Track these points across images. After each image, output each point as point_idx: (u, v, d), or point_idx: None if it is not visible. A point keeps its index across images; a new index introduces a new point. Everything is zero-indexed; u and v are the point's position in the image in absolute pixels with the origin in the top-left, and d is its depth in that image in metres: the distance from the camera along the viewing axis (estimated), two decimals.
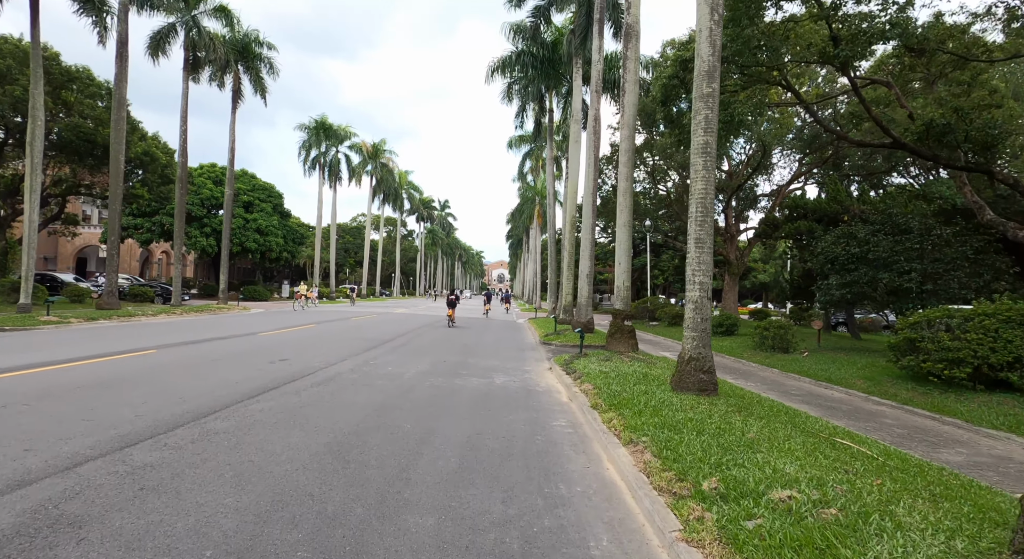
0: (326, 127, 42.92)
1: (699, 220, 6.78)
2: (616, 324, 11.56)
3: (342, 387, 7.51)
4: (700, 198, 6.79)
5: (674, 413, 5.89)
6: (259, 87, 29.43)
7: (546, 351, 14.30)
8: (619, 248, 11.60)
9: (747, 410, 6.15)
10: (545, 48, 24.77)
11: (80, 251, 53.42)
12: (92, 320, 17.39)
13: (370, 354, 11.31)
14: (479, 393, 7.81)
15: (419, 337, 15.80)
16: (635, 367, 9.50)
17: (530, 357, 12.66)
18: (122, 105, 20.49)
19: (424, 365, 10.19)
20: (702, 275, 6.76)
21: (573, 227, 22.02)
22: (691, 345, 6.81)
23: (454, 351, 12.78)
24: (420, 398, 7.12)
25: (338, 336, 14.85)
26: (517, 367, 10.86)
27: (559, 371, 10.14)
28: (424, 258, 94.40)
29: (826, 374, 10.36)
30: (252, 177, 42.41)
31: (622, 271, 11.58)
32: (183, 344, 11.50)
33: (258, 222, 39.60)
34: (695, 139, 6.83)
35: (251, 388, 7.04)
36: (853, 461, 4.44)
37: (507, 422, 6.15)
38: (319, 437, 4.99)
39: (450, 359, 11.32)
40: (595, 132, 17.49)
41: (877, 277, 12.16)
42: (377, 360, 10.50)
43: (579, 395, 7.72)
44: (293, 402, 6.38)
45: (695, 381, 6.66)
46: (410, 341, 14.51)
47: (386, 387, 7.72)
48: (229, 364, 8.97)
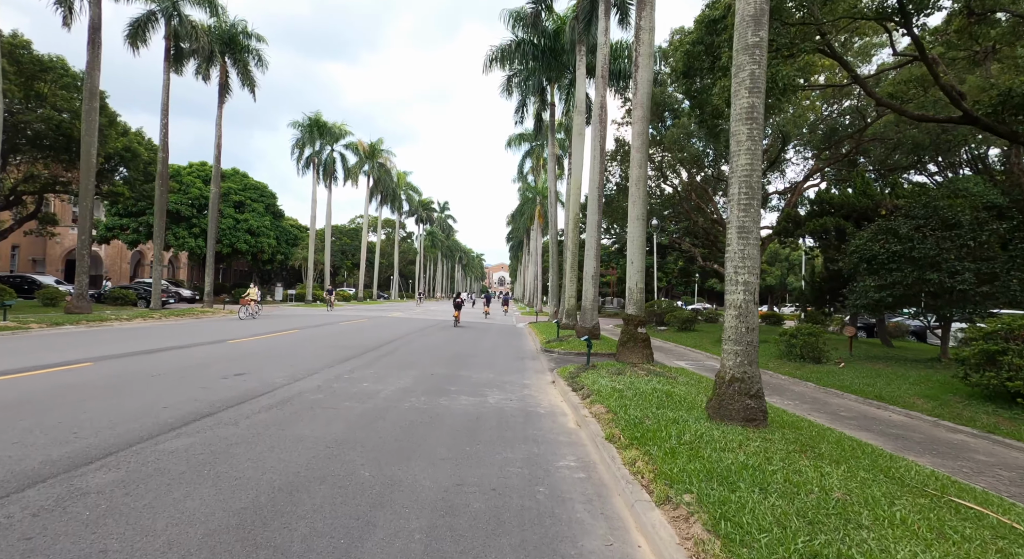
0: (320, 125, 41.61)
1: (743, 203, 5.36)
2: (628, 331, 10.13)
3: (297, 413, 6.08)
4: (744, 176, 5.37)
5: (719, 454, 4.46)
6: (247, 80, 28.13)
7: (548, 360, 12.87)
8: (631, 245, 10.19)
9: (812, 448, 4.72)
10: (546, 37, 23.44)
11: (69, 253, 52.12)
12: (56, 325, 15.99)
13: (347, 366, 9.88)
14: (468, 418, 6.38)
15: (408, 344, 14.37)
16: (654, 383, 8.06)
17: (530, 368, 11.24)
18: (94, 95, 19.16)
19: (407, 380, 8.76)
20: (747, 273, 5.34)
21: (576, 226, 20.61)
22: (733, 362, 5.38)
23: (445, 361, 11.35)
24: (392, 428, 5.69)
25: (318, 344, 13.43)
26: (515, 381, 9.43)
27: (563, 386, 8.71)
28: (423, 260, 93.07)
29: (874, 390, 8.91)
30: (244, 176, 41.10)
31: (635, 271, 10.17)
32: (133, 354, 10.08)
33: (249, 222, 38.25)
34: (737, 103, 5.42)
35: (178, 416, 5.61)
36: (1012, 547, 3.00)
37: (499, 463, 4.73)
38: (234, 498, 3.57)
39: (439, 371, 9.90)
40: (601, 122, 16.11)
41: (923, 278, 10.72)
42: (353, 374, 9.08)
43: (590, 420, 6.30)
44: (224, 437, 4.95)
45: (740, 408, 5.22)
46: (397, 349, 13.08)
47: (352, 412, 6.29)
48: (170, 381, 7.54)
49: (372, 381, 8.46)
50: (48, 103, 21.95)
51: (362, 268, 54.91)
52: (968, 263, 10.33)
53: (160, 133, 23.26)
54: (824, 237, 15.33)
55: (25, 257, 51.82)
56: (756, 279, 5.38)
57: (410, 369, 9.96)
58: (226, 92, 28.47)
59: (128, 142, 25.75)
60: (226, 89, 28.21)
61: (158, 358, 9.73)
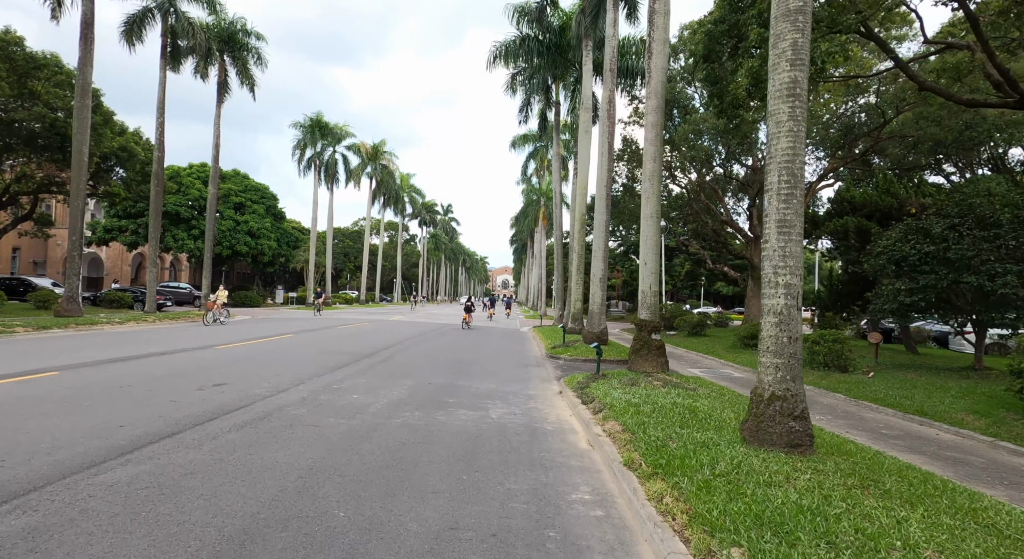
0: (321, 125, 41.09)
1: (783, 193, 4.63)
2: (642, 338, 9.38)
3: (272, 432, 5.37)
4: (785, 162, 4.64)
5: (766, 491, 3.71)
6: (246, 79, 27.62)
7: (554, 367, 12.13)
8: (644, 244, 9.45)
9: (875, 483, 3.96)
10: (551, 33, 22.78)
11: None
12: (43, 329, 15.40)
13: (338, 375, 9.18)
14: (466, 437, 5.65)
15: (406, 350, 13.66)
16: (673, 396, 7.31)
17: (535, 376, 10.50)
18: (86, 93, 18.63)
19: (401, 391, 8.05)
20: (788, 274, 4.60)
21: (583, 227, 19.88)
22: (773, 377, 4.63)
23: (444, 369, 10.63)
24: (378, 451, 4.97)
25: (311, 349, 12.74)
26: (519, 391, 8.70)
27: (572, 397, 7.98)
28: (427, 263, 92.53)
29: (913, 404, 8.12)
30: (244, 177, 40.62)
31: (648, 272, 9.43)
32: (109, 362, 9.41)
33: (249, 224, 37.73)
34: (777, 77, 4.70)
35: (134, 437, 4.91)
36: None
37: (501, 497, 4.00)
38: (166, 556, 2.85)
39: (437, 381, 9.17)
40: (609, 117, 15.41)
41: (960, 280, 9.93)
42: (343, 384, 8.37)
43: (604, 440, 5.56)
44: (180, 464, 4.24)
45: (782, 432, 4.47)
46: (394, 356, 12.37)
47: (336, 431, 5.57)
48: (138, 394, 6.85)
49: (363, 392, 7.74)
50: (42, 101, 21.44)
51: (364, 271, 54.34)
52: (1010, 264, 9.54)
53: (156, 132, 22.74)
54: (844, 238, 14.57)
55: (26, 259, 51.53)
56: (799, 281, 4.63)
57: (406, 378, 9.24)
58: (225, 91, 27.97)
59: (124, 142, 25.23)
60: (225, 88, 27.71)
61: (135, 366, 9.05)
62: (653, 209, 9.36)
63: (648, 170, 9.41)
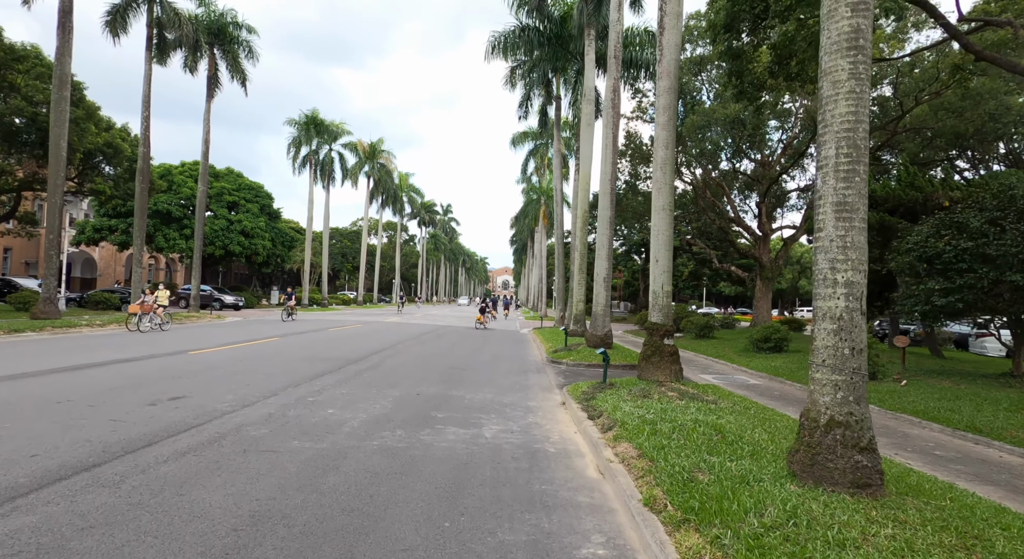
0: (317, 122, 40.22)
1: (843, 169, 3.73)
2: (653, 343, 8.48)
3: (218, 462, 4.47)
4: (845, 131, 3.74)
5: (839, 555, 2.81)
6: (237, 73, 26.75)
7: (555, 373, 11.24)
8: (656, 240, 8.55)
9: (980, 540, 3.05)
10: (552, 23, 21.91)
11: None
12: (14, 333, 14.54)
13: (317, 384, 8.28)
14: (453, 464, 4.76)
15: (398, 355, 12.76)
16: (693, 411, 6.41)
17: (535, 384, 9.61)
18: (64, 83, 17.75)
19: (385, 404, 7.15)
20: (850, 269, 3.70)
21: (585, 224, 18.99)
22: (831, 398, 3.72)
23: (436, 376, 9.72)
24: (343, 487, 4.07)
25: (294, 355, 11.84)
26: (518, 403, 7.81)
27: (577, 410, 7.08)
28: (426, 264, 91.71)
29: (963, 418, 7.21)
30: (239, 176, 39.76)
31: (660, 271, 8.53)
32: (60, 371, 8.51)
33: (243, 223, 36.85)
34: (833, 27, 3.80)
35: (42, 471, 4.00)
36: None
37: (491, 556, 3.10)
38: None
39: (427, 391, 8.28)
40: (614, 107, 14.52)
41: (1002, 279, 9.03)
42: (321, 395, 7.47)
43: (617, 469, 4.66)
44: (82, 512, 3.33)
45: (846, 467, 3.56)
46: (383, 361, 11.47)
47: (297, 458, 4.67)
48: (75, 411, 5.95)
49: (341, 406, 6.84)
50: (21, 94, 20.57)
51: (362, 271, 53.46)
52: None
53: (141, 127, 21.86)
54: None
55: (18, 260, 50.61)
56: (864, 278, 3.73)
57: (393, 388, 8.33)
58: (215, 86, 27.10)
59: (111, 138, 24.36)
60: (215, 83, 26.84)
61: (88, 375, 8.15)
62: (666, 201, 8.46)
63: (660, 158, 8.51)
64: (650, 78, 23.78)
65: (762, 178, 20.08)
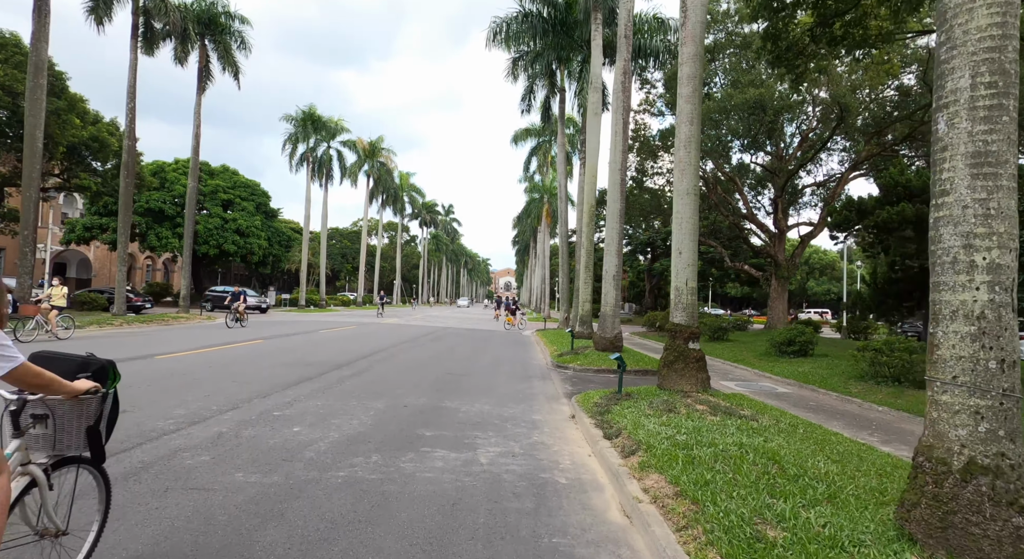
0: (314, 119, 39.22)
1: (983, 105, 2.64)
2: (676, 348, 7.36)
3: (120, 507, 3.38)
4: (986, 51, 2.65)
5: None
6: (229, 64, 25.78)
7: (562, 380, 10.14)
8: (679, 229, 7.45)
9: None
10: (557, 8, 20.86)
11: (58, 256, 50.10)
12: None
13: (289, 395, 7.20)
14: (437, 506, 3.67)
15: (390, 359, 11.69)
16: (733, 431, 5.30)
17: (540, 393, 8.52)
18: (40, 70, 16.78)
19: (364, 419, 6.06)
20: (995, 248, 2.60)
21: (592, 220, 17.90)
22: (969, 431, 2.61)
23: (429, 384, 8.64)
24: (282, 547, 2.98)
25: (275, 359, 10.77)
26: (520, 416, 6.72)
27: (590, 426, 5.98)
28: (427, 264, 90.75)
29: None
30: (234, 173, 38.81)
31: (684, 264, 7.43)
32: None
33: (238, 222, 35.88)
34: None
35: None
36: None
37: None
38: None
39: (416, 401, 7.19)
40: (624, 91, 13.44)
41: None
42: (290, 408, 6.39)
43: (649, 511, 3.55)
44: None
45: (1002, 535, 2.45)
46: (372, 366, 10.39)
47: (232, 501, 3.58)
48: None
49: (310, 423, 5.75)
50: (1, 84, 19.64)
51: (361, 272, 52.44)
52: None
53: (126, 118, 20.87)
54: (897, 229, 12.55)
55: (11, 260, 49.79)
56: (1015, 260, 2.62)
57: (376, 399, 7.25)
58: (207, 78, 26.13)
59: (97, 131, 23.41)
60: (206, 74, 25.87)
61: None
62: (690, 183, 7.36)
63: (684, 135, 7.41)
64: (659, 68, 22.70)
65: (778, 171, 18.93)
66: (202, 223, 34.44)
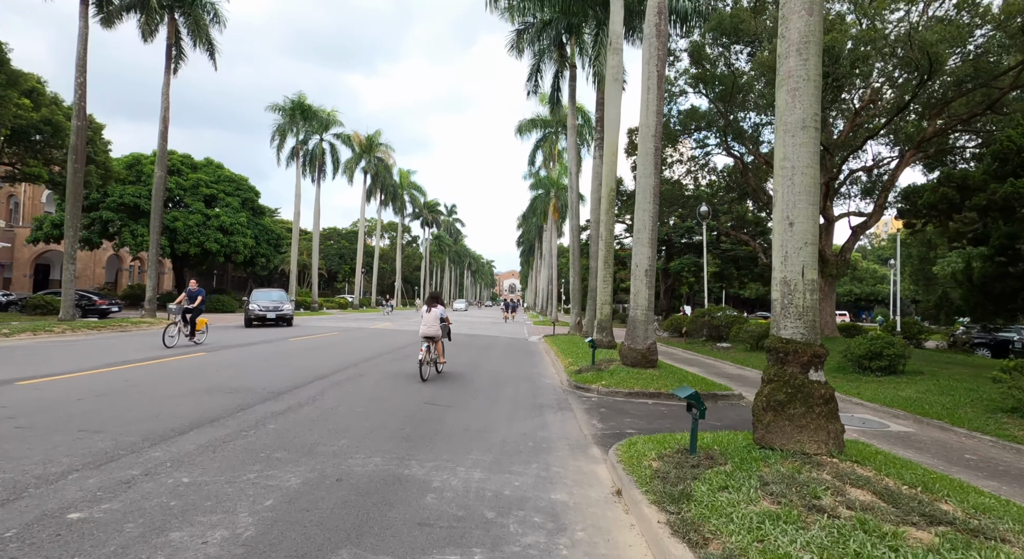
0: (304, 108, 36.59)
1: None
2: (789, 379, 4.50)
3: None
4: None
5: None
6: (201, 39, 23.14)
7: (586, 410, 7.30)
8: (790, 186, 4.60)
9: None
10: None
11: (39, 256, 47.74)
12: None
13: (152, 456, 4.40)
14: None
15: (356, 379, 8.86)
16: None
17: (559, 437, 5.69)
18: None
19: (247, 518, 3.22)
20: None
21: (612, 206, 15.06)
22: None
23: (395, 424, 5.80)
24: None
25: (186, 383, 7.97)
26: (532, 497, 3.87)
27: (660, 530, 3.11)
28: (429, 266, 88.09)
29: None
30: (219, 167, 36.21)
31: (798, 242, 4.56)
32: None
33: (221, 219, 33.22)
34: None
35: None
36: None
37: None
38: None
39: (361, 466, 4.37)
40: (659, 35, 10.60)
41: None
42: (128, 490, 3.58)
43: None
44: None
45: None
46: (323, 393, 7.56)
47: None
48: None
49: (122, 544, 2.93)
50: None
51: (358, 273, 49.78)
52: None
53: (75, 95, 18.21)
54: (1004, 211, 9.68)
55: None
56: None
57: (298, 461, 4.42)
58: (179, 57, 23.53)
59: (50, 113, 20.83)
60: (178, 52, 23.26)
61: None
62: (806, 110, 4.51)
63: (798, 32, 4.56)
64: (686, 34, 19.87)
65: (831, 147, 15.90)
66: (182, 220, 31.85)
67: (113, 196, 30.35)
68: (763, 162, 19.96)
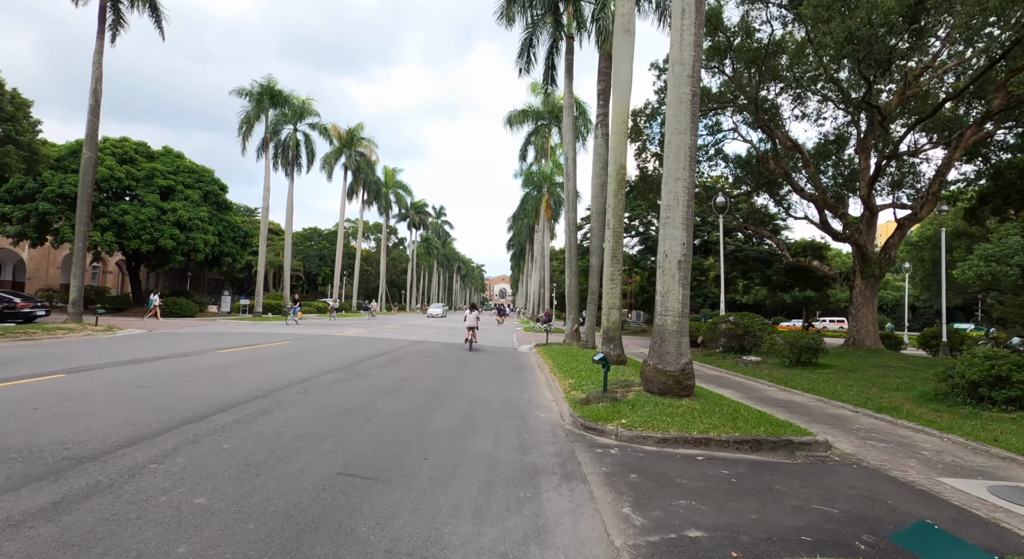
0: (274, 94, 33.44)
1: None
2: None
3: None
4: None
5: None
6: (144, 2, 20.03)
7: (604, 480, 4.30)
8: None
9: None
10: None
11: None
12: None
13: None
14: None
15: (265, 416, 5.79)
16: None
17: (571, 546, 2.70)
18: None
19: None
20: None
21: (621, 187, 12.19)
22: None
23: (315, 488, 2.79)
24: None
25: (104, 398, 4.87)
26: None
27: None
28: (417, 269, 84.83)
29: None
30: (178, 157, 32.90)
31: None
32: None
33: (178, 213, 29.89)
34: None
35: None
36: None
37: None
38: None
39: None
40: None
41: None
42: None
43: None
44: None
45: None
46: (229, 427, 4.50)
47: None
48: None
49: None
50: None
51: (336, 275, 46.47)
52: None
53: None
54: None
55: None
56: None
57: None
58: (117, 21, 20.42)
59: None
60: (116, 14, 20.14)
61: None
62: None
63: None
64: None
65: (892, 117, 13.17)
66: (133, 213, 28.51)
67: (52, 185, 26.96)
68: (790, 145, 17.22)
